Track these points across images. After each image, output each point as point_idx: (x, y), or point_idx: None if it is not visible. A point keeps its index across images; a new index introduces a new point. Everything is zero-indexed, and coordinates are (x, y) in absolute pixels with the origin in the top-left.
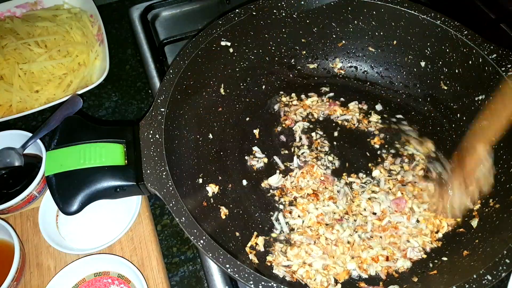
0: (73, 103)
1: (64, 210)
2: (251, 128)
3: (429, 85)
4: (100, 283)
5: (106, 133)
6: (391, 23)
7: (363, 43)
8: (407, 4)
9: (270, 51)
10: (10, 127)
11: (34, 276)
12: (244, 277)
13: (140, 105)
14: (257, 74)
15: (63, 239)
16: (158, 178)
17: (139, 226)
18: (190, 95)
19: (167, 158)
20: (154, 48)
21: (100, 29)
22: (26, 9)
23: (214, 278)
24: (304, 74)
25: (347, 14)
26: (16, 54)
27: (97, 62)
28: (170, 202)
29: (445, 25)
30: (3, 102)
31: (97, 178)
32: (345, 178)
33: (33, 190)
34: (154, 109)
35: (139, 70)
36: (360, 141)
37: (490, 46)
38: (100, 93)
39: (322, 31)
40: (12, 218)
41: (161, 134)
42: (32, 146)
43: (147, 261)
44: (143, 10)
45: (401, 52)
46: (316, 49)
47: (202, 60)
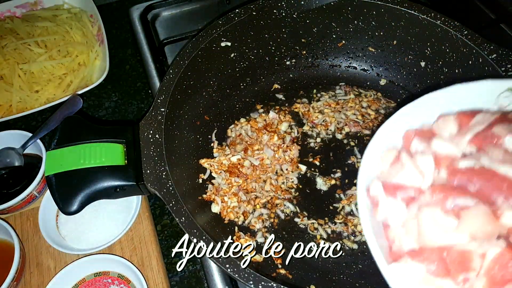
0: (73, 103)
1: (64, 210)
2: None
3: (429, 85)
4: (100, 283)
5: (106, 133)
6: (391, 23)
7: (363, 43)
8: (407, 4)
9: (270, 51)
10: (10, 127)
11: (34, 276)
12: (244, 277)
13: (140, 105)
14: (257, 74)
15: (63, 239)
16: (158, 178)
17: (139, 226)
18: (190, 95)
19: (167, 158)
20: (154, 48)
21: (100, 29)
22: (26, 9)
23: (214, 278)
24: (304, 74)
25: (347, 14)
26: (16, 54)
27: (97, 62)
28: (170, 202)
29: (445, 25)
30: (3, 102)
31: (97, 178)
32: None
33: (33, 190)
34: (154, 109)
35: (139, 70)
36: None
37: (490, 46)
38: (100, 93)
39: (322, 31)
40: (12, 218)
41: (161, 134)
42: (32, 146)
43: (147, 261)
44: (143, 10)
45: (401, 52)
46: (316, 49)
47: (202, 60)
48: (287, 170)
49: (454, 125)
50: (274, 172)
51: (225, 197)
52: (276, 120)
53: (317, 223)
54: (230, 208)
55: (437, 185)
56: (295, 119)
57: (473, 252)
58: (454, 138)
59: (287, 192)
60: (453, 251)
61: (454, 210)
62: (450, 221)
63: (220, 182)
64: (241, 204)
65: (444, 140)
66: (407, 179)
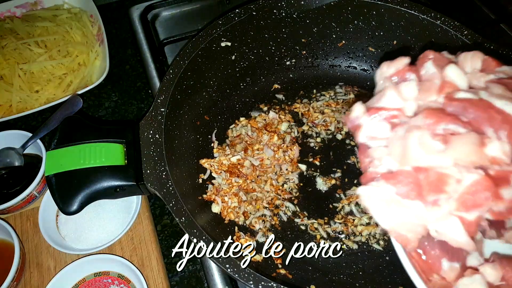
0: (73, 103)
1: (64, 210)
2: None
3: None
4: (100, 283)
5: (106, 133)
6: (391, 23)
7: (363, 43)
8: (407, 4)
9: (270, 51)
10: (10, 127)
11: (34, 276)
12: (244, 277)
13: (140, 105)
14: (257, 74)
15: (63, 239)
16: (158, 178)
17: (139, 226)
18: (190, 95)
19: (167, 158)
20: (154, 48)
21: (100, 29)
22: (26, 9)
23: (214, 278)
24: (304, 74)
25: (347, 14)
26: (16, 54)
27: (97, 62)
28: (170, 202)
29: (445, 25)
30: (3, 102)
31: (97, 178)
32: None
33: (33, 190)
34: (154, 109)
35: (139, 70)
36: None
37: (490, 46)
38: (100, 93)
39: (322, 31)
40: (12, 218)
41: (161, 134)
42: (32, 146)
43: (147, 261)
44: (143, 10)
45: (401, 52)
46: (316, 49)
47: (202, 60)
48: (287, 170)
49: (479, 63)
50: (274, 172)
51: (226, 197)
52: (276, 120)
53: (317, 223)
54: (230, 208)
55: (431, 109)
56: (295, 119)
57: (451, 176)
58: (474, 74)
59: (287, 192)
60: (431, 173)
61: (443, 135)
62: (437, 144)
63: (220, 182)
64: (242, 204)
65: (461, 69)
66: (389, 103)
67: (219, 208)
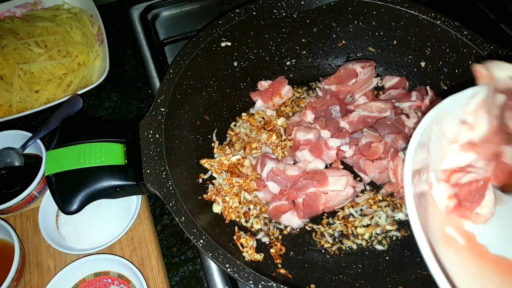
0: (73, 103)
1: (64, 209)
2: None
3: (429, 85)
4: (100, 283)
5: (106, 133)
6: (391, 23)
7: (363, 43)
8: (407, 4)
9: (270, 51)
10: (10, 127)
11: (34, 276)
12: (244, 277)
13: (140, 105)
14: (257, 74)
15: (63, 239)
16: (158, 178)
17: (139, 226)
18: (190, 95)
19: (167, 158)
20: (154, 48)
21: (100, 29)
22: (26, 9)
23: (214, 278)
24: (304, 74)
25: (347, 14)
26: (16, 54)
27: (97, 62)
28: (170, 202)
29: (445, 25)
30: (3, 102)
31: (97, 178)
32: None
33: (33, 190)
34: (154, 109)
35: (139, 70)
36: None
37: (490, 46)
38: (100, 93)
39: (322, 31)
40: (12, 218)
41: (161, 134)
42: (32, 146)
43: (147, 261)
44: (143, 10)
45: (401, 52)
46: (316, 49)
47: (202, 60)
48: None
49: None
50: None
51: (226, 197)
52: (273, 117)
53: (317, 223)
54: (231, 208)
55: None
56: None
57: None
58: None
59: None
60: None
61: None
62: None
63: (221, 182)
64: (243, 205)
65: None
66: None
67: (220, 208)
